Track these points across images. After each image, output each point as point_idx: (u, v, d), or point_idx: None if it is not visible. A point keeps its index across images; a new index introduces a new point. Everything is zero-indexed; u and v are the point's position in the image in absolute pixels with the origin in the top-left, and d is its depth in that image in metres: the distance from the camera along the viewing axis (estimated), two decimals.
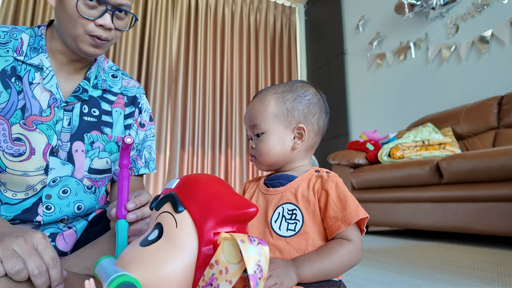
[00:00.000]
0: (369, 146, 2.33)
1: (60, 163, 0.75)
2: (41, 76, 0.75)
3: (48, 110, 0.74)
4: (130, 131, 0.90)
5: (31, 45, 0.75)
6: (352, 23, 3.62)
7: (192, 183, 0.47)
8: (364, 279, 1.00)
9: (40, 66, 0.74)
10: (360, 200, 2.22)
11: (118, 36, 0.78)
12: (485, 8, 2.40)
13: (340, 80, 3.67)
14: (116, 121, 0.86)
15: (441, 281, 0.96)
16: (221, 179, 0.49)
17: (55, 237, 0.77)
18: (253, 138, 0.62)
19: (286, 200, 0.57)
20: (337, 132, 3.61)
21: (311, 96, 0.63)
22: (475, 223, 1.58)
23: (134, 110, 0.91)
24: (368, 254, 1.43)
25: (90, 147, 0.80)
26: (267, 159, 0.60)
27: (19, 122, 0.71)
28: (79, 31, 0.71)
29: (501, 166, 1.45)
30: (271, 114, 0.60)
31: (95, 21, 0.70)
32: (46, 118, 0.74)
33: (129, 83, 0.93)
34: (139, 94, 0.93)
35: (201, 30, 3.73)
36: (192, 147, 3.53)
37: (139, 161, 0.93)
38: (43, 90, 0.74)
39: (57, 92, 0.76)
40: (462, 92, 2.51)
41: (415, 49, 2.91)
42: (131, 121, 0.90)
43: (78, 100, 0.78)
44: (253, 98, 0.65)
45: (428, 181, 1.79)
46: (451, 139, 2.22)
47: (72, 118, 0.78)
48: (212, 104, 3.70)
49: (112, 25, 0.72)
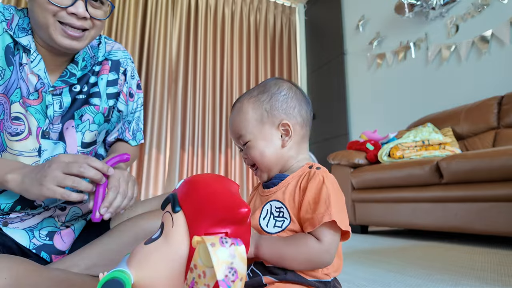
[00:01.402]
0: (369, 146, 2.33)
1: (52, 143, 0.75)
2: (28, 57, 0.72)
3: (36, 93, 0.73)
4: (118, 103, 0.87)
5: (19, 25, 0.72)
6: (352, 23, 3.62)
7: (193, 183, 0.47)
8: (364, 279, 1.00)
9: (27, 47, 0.71)
10: (360, 200, 2.24)
11: (99, 27, 0.73)
12: (485, 8, 2.40)
13: (340, 80, 3.67)
14: (103, 90, 0.83)
15: (441, 281, 0.96)
16: (226, 178, 0.49)
17: (52, 236, 0.77)
18: (243, 148, 0.63)
19: (274, 198, 0.58)
20: (337, 132, 3.61)
21: (286, 91, 0.62)
22: (475, 223, 1.58)
23: (118, 77, 0.86)
24: (368, 254, 1.43)
25: (79, 121, 0.79)
26: (264, 165, 0.60)
27: (19, 100, 0.71)
28: (49, 19, 0.66)
29: (501, 166, 1.45)
30: (252, 121, 0.60)
31: (66, 9, 0.66)
32: (34, 102, 0.73)
33: (113, 46, 0.88)
34: (124, 59, 0.89)
35: (201, 30, 3.73)
36: (192, 147, 3.53)
37: (127, 133, 0.93)
38: (29, 72, 0.72)
39: (45, 76, 0.73)
40: (462, 92, 2.51)
41: (415, 49, 2.91)
42: (114, 90, 0.86)
43: (66, 84, 0.76)
44: (232, 108, 0.65)
45: (428, 181, 1.79)
46: (451, 139, 2.22)
47: (63, 101, 0.76)
48: (212, 104, 3.70)
49: (85, 14, 0.67)
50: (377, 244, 1.76)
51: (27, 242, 0.74)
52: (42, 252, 0.75)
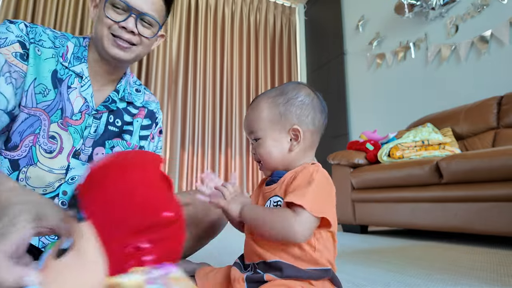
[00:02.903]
0: (369, 146, 2.33)
1: (80, 164, 0.81)
2: (79, 82, 0.81)
3: (79, 114, 0.80)
4: (145, 141, 0.97)
5: (75, 53, 0.82)
6: (352, 23, 3.62)
7: (100, 174, 0.37)
8: (363, 278, 1.00)
9: (80, 74, 0.81)
10: (360, 200, 2.24)
11: (146, 45, 0.83)
12: (484, 8, 2.40)
13: (340, 80, 3.68)
14: (136, 130, 0.93)
15: (440, 281, 0.96)
16: (151, 158, 0.40)
17: None
18: (253, 143, 0.66)
19: (274, 194, 0.61)
20: (337, 132, 3.61)
21: (303, 97, 0.64)
22: (474, 223, 1.58)
23: (151, 123, 0.98)
24: (368, 254, 1.43)
25: (110, 151, 0.86)
26: (269, 163, 0.63)
27: (57, 121, 0.77)
28: (104, 31, 0.77)
29: (500, 166, 1.46)
30: (266, 120, 0.63)
31: (119, 23, 0.76)
32: (75, 122, 0.80)
33: (150, 98, 1.00)
34: (157, 109, 1.01)
35: (201, 30, 3.73)
36: (192, 147, 3.53)
37: None
38: (78, 95, 0.80)
39: (90, 100, 0.82)
40: (462, 92, 2.51)
41: (414, 49, 2.91)
42: (147, 133, 0.96)
43: (107, 109, 0.84)
44: (250, 105, 0.68)
45: (428, 181, 1.79)
46: (451, 139, 2.22)
47: (99, 126, 0.84)
48: (212, 104, 3.70)
49: (134, 28, 0.77)
50: (376, 244, 1.76)
51: (36, 241, 0.76)
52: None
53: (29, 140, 0.75)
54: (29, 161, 0.75)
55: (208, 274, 0.64)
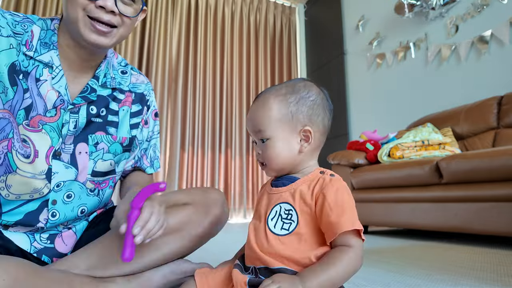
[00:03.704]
0: (369, 146, 2.33)
1: (63, 166, 0.72)
2: (50, 73, 0.70)
3: (53, 110, 0.70)
4: (136, 130, 0.87)
5: (42, 39, 0.70)
6: (352, 23, 3.62)
7: None
8: (363, 278, 1.00)
9: (50, 64, 0.70)
10: (360, 200, 2.24)
11: (128, 26, 0.71)
12: (484, 8, 2.40)
13: (340, 80, 3.68)
14: (122, 120, 0.82)
15: (440, 281, 0.96)
16: None
17: (53, 239, 0.76)
18: (258, 143, 0.61)
19: (284, 200, 0.58)
20: (337, 132, 3.61)
21: (314, 97, 0.61)
22: (474, 223, 1.58)
23: (142, 108, 0.87)
24: (368, 254, 1.43)
25: (94, 148, 0.76)
26: (276, 165, 0.60)
27: (22, 123, 0.68)
28: (79, 12, 0.65)
29: (500, 166, 1.46)
30: (275, 119, 0.58)
31: (95, 2, 0.65)
32: (50, 119, 0.70)
33: (138, 79, 0.88)
34: (147, 91, 0.89)
35: (201, 30, 3.73)
36: (192, 147, 3.53)
37: (145, 160, 0.92)
38: (50, 89, 0.70)
39: (65, 93, 0.71)
40: (462, 92, 2.51)
41: (415, 49, 2.91)
42: (138, 120, 0.86)
43: (85, 101, 0.74)
44: (255, 100, 0.63)
45: (428, 181, 1.79)
46: (451, 139, 2.22)
47: (78, 120, 0.73)
48: (212, 104, 3.70)
49: (114, 7, 0.66)
50: (376, 244, 1.76)
51: (27, 246, 0.73)
52: (43, 256, 0.74)
53: (2, 146, 0.66)
54: (7, 169, 0.67)
55: (208, 274, 0.64)
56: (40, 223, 0.72)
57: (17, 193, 0.69)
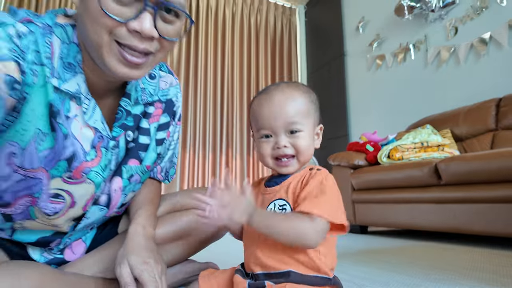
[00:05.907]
0: (369, 147, 2.35)
1: (98, 209, 0.65)
2: (78, 105, 0.54)
3: (93, 152, 0.57)
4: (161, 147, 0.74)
5: (63, 58, 0.51)
6: (352, 25, 3.64)
7: None
8: (363, 278, 1.02)
9: (77, 94, 0.53)
10: (359, 200, 2.26)
11: (166, 49, 0.53)
12: (484, 10, 2.42)
13: (340, 81, 3.69)
14: (152, 141, 0.70)
15: (439, 280, 0.98)
16: None
17: (63, 250, 0.72)
18: (284, 135, 0.60)
19: (278, 197, 0.60)
20: (337, 133, 3.63)
21: (316, 101, 0.67)
22: (473, 224, 1.60)
23: (170, 119, 0.73)
24: (368, 254, 1.45)
25: (127, 182, 0.66)
26: (307, 156, 0.62)
27: (61, 175, 0.54)
28: (103, 37, 0.47)
29: (499, 168, 1.47)
30: (305, 112, 0.61)
31: (127, 23, 0.46)
32: (92, 163, 0.57)
33: (167, 82, 0.71)
34: (175, 95, 0.74)
35: (202, 31, 3.74)
36: (193, 148, 3.55)
37: (159, 174, 0.80)
38: (83, 126, 0.55)
39: (103, 128, 0.57)
40: (461, 94, 2.53)
41: (414, 51, 2.93)
42: (164, 135, 0.72)
43: (124, 130, 0.60)
44: (274, 92, 0.61)
45: (427, 182, 1.81)
46: (450, 140, 2.24)
47: (119, 155, 0.61)
48: (213, 105, 3.71)
49: (153, 31, 0.47)
50: (376, 244, 1.78)
51: (38, 257, 0.69)
52: (52, 265, 0.72)
53: (25, 200, 0.55)
54: (25, 217, 0.58)
55: (212, 275, 0.65)
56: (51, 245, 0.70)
57: (34, 229, 0.63)
